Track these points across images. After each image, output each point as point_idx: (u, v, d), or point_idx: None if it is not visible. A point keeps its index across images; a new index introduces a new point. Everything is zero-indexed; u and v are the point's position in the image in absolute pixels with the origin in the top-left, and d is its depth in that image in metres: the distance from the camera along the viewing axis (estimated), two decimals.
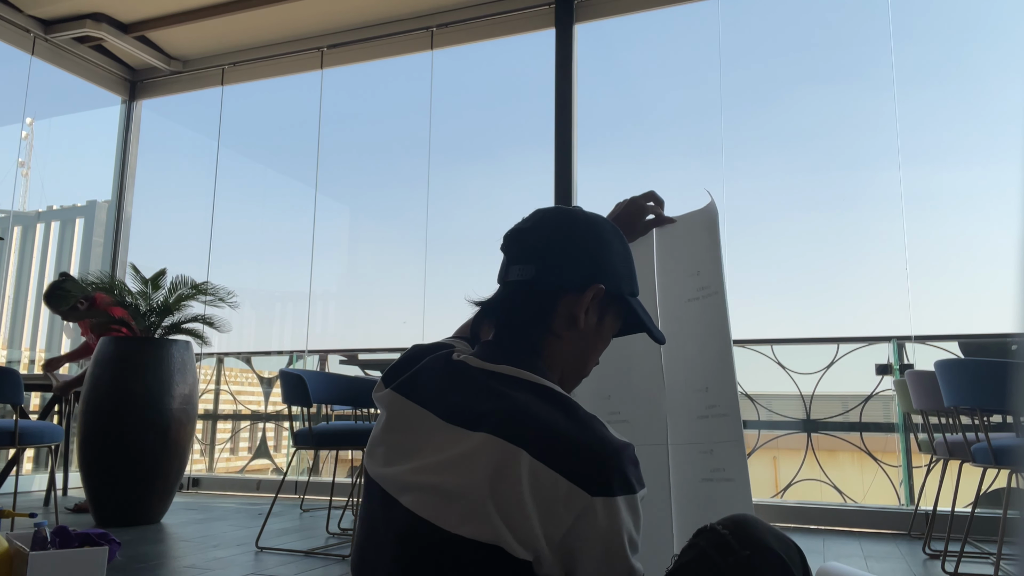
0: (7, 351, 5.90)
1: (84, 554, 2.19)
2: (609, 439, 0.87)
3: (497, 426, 0.88)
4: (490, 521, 0.84)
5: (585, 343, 1.03)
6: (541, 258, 1.00)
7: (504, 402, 0.91)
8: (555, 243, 1.00)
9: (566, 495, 0.83)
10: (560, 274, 0.99)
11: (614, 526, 0.83)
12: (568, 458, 0.85)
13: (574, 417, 0.89)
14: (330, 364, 5.42)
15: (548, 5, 4.67)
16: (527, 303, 1.00)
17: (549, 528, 0.84)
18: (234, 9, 4.97)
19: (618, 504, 0.84)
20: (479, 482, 0.86)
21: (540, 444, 0.86)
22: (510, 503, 0.84)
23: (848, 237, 4.20)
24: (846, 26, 4.42)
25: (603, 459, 0.85)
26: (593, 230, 1.03)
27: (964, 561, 2.73)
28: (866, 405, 4.04)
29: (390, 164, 5.61)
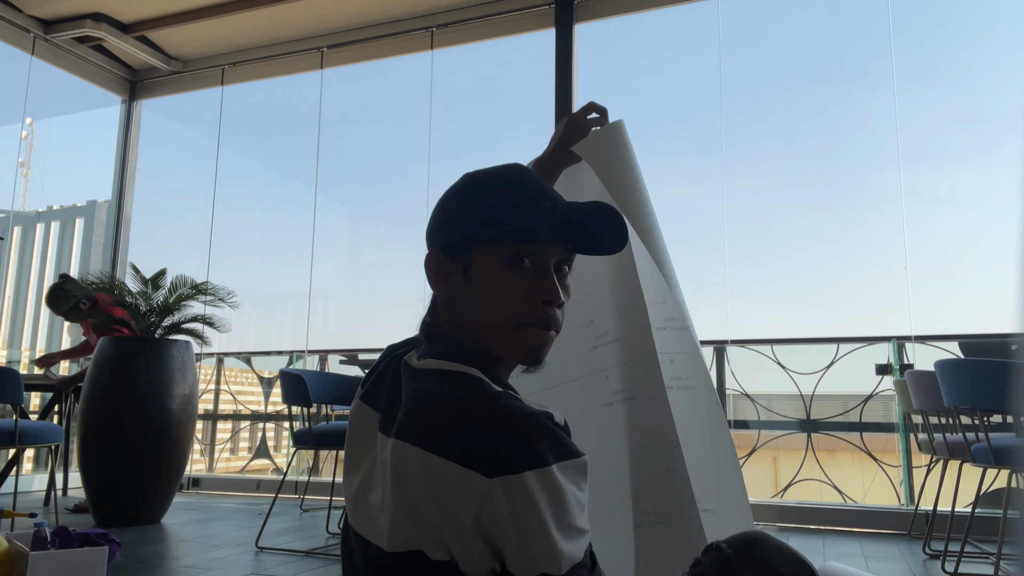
0: (7, 351, 5.90)
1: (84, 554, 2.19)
2: (512, 412, 0.79)
3: (398, 427, 0.84)
4: (400, 528, 0.81)
5: (472, 301, 0.92)
6: (428, 237, 1.00)
7: (410, 400, 0.87)
8: (433, 218, 1.00)
9: (462, 481, 0.76)
10: (431, 240, 0.98)
11: (524, 507, 0.75)
12: (459, 441, 0.78)
13: (476, 397, 0.83)
14: (330, 364, 5.42)
15: (548, 5, 4.67)
16: (427, 272, 0.99)
17: (455, 521, 0.77)
18: (234, 9, 4.97)
19: (525, 481, 0.75)
20: (387, 489, 0.83)
21: (428, 433, 0.81)
22: (411, 503, 0.80)
23: (848, 237, 4.21)
24: (846, 26, 4.42)
25: (502, 435, 0.77)
26: (460, 189, 0.97)
27: (964, 561, 2.73)
28: (866, 405, 4.04)
29: (390, 164, 5.62)
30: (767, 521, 3.90)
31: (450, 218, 0.96)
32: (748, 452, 4.21)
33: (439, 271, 0.95)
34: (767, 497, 4.09)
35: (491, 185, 0.95)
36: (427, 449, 0.79)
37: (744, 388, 4.26)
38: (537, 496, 0.75)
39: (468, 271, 0.92)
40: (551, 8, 4.66)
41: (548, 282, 0.90)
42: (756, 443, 4.20)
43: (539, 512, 0.75)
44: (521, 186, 0.94)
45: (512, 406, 0.81)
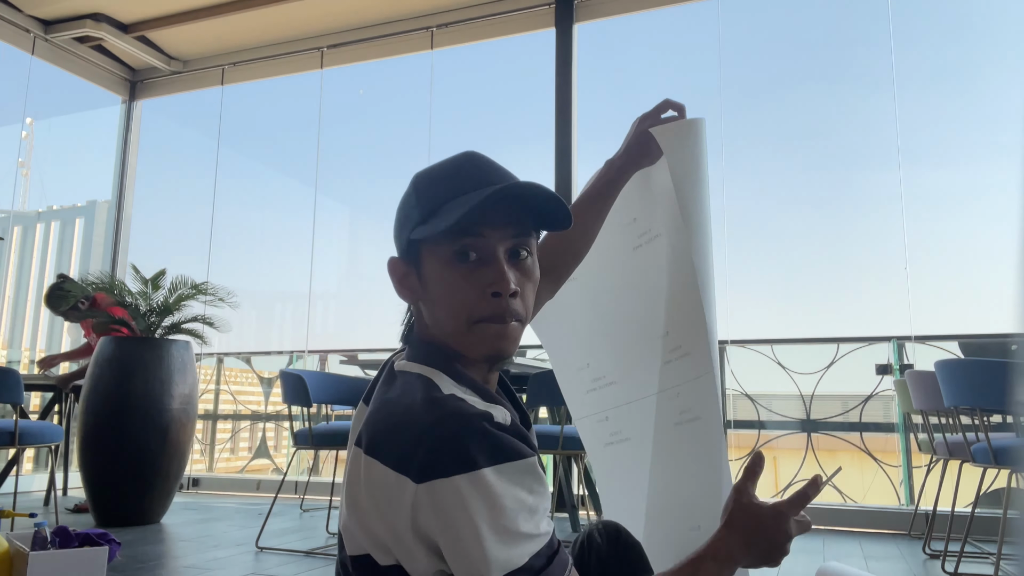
0: (7, 351, 5.90)
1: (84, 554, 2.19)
2: (447, 415, 0.77)
3: (359, 433, 0.85)
4: (353, 532, 0.82)
5: (428, 304, 0.91)
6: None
7: (372, 405, 0.88)
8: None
9: (395, 487, 0.76)
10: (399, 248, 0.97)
11: (452, 512, 0.73)
12: (395, 445, 0.78)
13: (420, 401, 0.81)
14: (330, 364, 5.42)
15: (548, 5, 4.67)
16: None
17: (394, 527, 0.77)
18: (234, 9, 4.97)
19: (455, 486, 0.73)
20: (344, 494, 0.85)
21: (374, 439, 0.81)
22: (359, 509, 0.81)
23: (848, 237, 4.21)
24: (846, 26, 4.42)
25: (433, 438, 0.75)
26: (401, 199, 0.95)
27: (964, 561, 2.73)
28: (866, 405, 4.04)
29: (390, 164, 5.62)
30: None
31: (399, 222, 0.94)
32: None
33: (400, 277, 0.93)
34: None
35: (430, 182, 0.92)
36: (370, 455, 0.80)
37: (744, 388, 4.26)
38: (467, 501, 0.73)
39: (421, 274, 0.90)
40: (551, 8, 4.66)
41: (495, 271, 0.86)
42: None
43: (469, 517, 0.73)
44: (459, 177, 0.90)
45: (449, 409, 0.78)
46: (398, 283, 0.94)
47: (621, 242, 1.45)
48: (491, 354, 0.88)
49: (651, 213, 1.41)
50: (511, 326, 0.87)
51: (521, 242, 0.90)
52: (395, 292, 0.95)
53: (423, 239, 0.88)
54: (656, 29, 4.84)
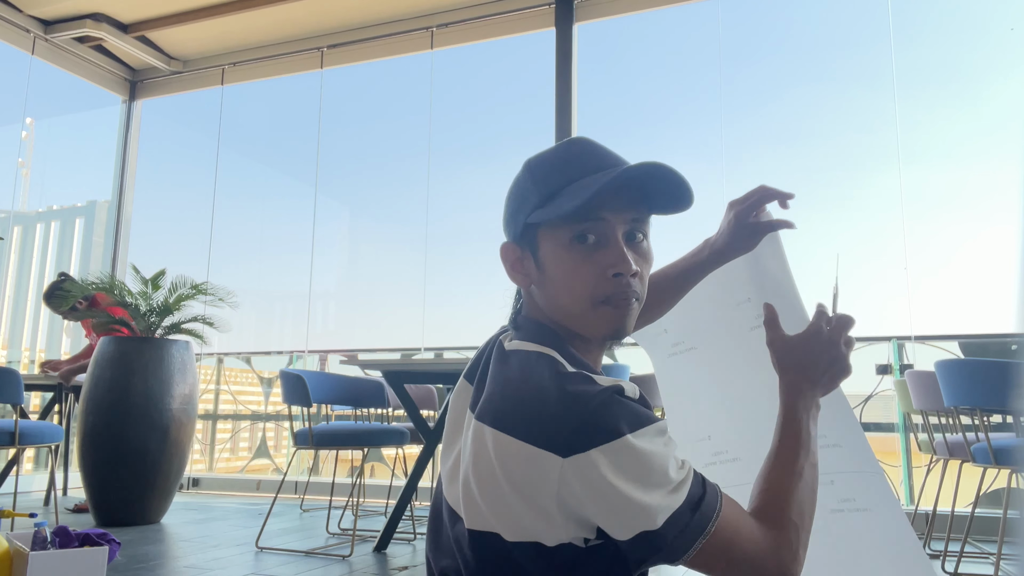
0: (7, 351, 5.90)
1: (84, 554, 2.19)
2: (586, 390, 0.81)
3: (480, 408, 0.87)
4: (478, 508, 0.83)
5: (545, 286, 0.93)
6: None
7: (491, 382, 0.89)
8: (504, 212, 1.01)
9: (538, 461, 0.78)
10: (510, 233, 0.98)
11: (609, 480, 0.77)
12: (534, 422, 0.80)
13: (548, 377, 0.83)
14: (330, 364, 5.42)
15: (548, 5, 4.67)
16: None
17: (534, 500, 0.79)
18: (234, 9, 4.97)
19: (605, 455, 0.77)
20: (468, 468, 0.85)
21: (503, 414, 0.83)
22: (489, 484, 0.82)
23: (848, 237, 4.20)
24: (846, 26, 4.42)
25: (575, 413, 0.79)
26: (515, 181, 0.97)
27: (964, 561, 2.73)
28: (866, 405, 4.04)
29: (390, 164, 5.62)
30: None
31: (513, 208, 0.96)
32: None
33: (514, 261, 0.96)
34: None
35: (545, 167, 0.94)
36: (502, 430, 0.81)
37: None
38: (618, 467, 0.77)
39: (538, 257, 0.92)
40: (551, 8, 4.66)
41: (615, 253, 0.89)
42: None
43: (624, 480, 0.77)
44: (575, 162, 0.92)
45: (584, 384, 0.81)
46: (511, 267, 0.96)
47: (738, 321, 1.43)
48: (612, 333, 0.91)
49: (764, 292, 1.40)
50: (630, 306, 0.91)
51: (638, 225, 0.93)
52: (507, 276, 0.97)
53: (542, 223, 0.91)
54: (656, 29, 4.84)
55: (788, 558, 0.85)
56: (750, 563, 0.83)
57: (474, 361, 1.00)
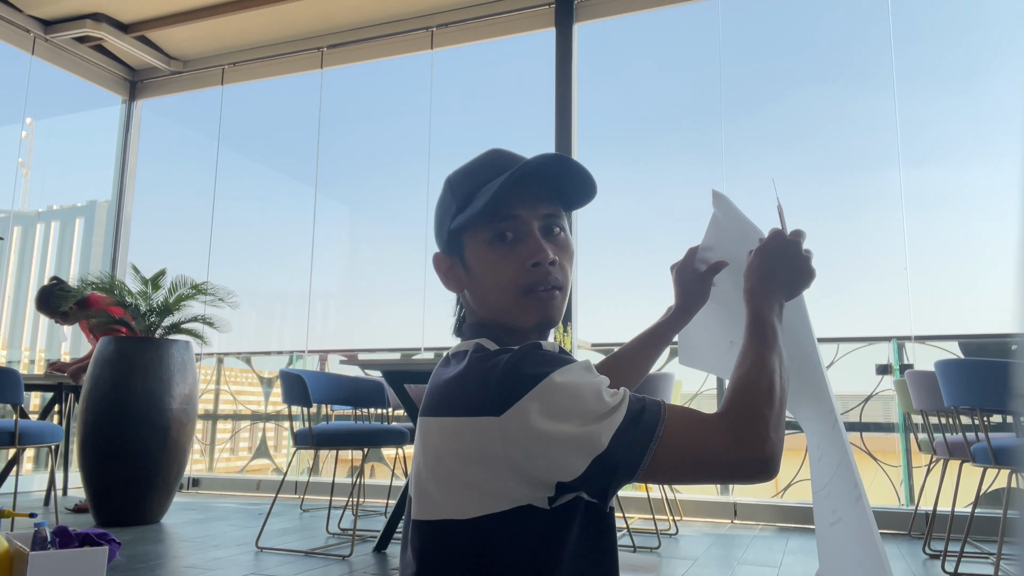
0: (7, 351, 5.90)
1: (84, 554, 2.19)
2: (504, 354, 0.85)
3: (423, 407, 0.93)
4: (429, 497, 0.87)
5: (475, 288, 0.97)
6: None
7: (432, 382, 0.95)
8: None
9: (479, 430, 0.82)
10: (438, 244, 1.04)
11: (545, 421, 0.80)
12: (465, 396, 0.85)
13: (476, 356, 0.88)
14: (330, 364, 5.42)
15: (548, 5, 4.67)
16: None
17: (488, 469, 0.82)
18: (234, 9, 4.97)
19: (535, 398, 0.80)
20: (419, 462, 0.90)
21: (439, 400, 0.88)
22: (438, 469, 0.86)
23: (848, 237, 4.21)
24: (846, 26, 4.42)
25: (499, 374, 0.83)
26: (437, 201, 1.04)
27: (964, 561, 2.73)
28: (866, 405, 4.04)
29: (390, 164, 5.62)
30: (767, 521, 3.90)
31: (438, 220, 1.01)
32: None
33: (446, 270, 1.00)
34: (767, 497, 4.09)
35: (463, 177, 1.00)
36: (441, 415, 0.87)
37: None
38: (550, 405, 0.80)
39: (465, 262, 0.97)
40: (551, 8, 4.66)
41: (532, 245, 0.93)
42: None
43: (558, 420, 0.80)
44: (486, 168, 0.98)
45: (502, 354, 0.86)
46: (444, 276, 1.01)
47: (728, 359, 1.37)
48: (540, 321, 0.94)
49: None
50: (554, 294, 0.95)
51: (554, 220, 0.97)
52: (442, 286, 1.02)
53: (462, 227, 0.96)
54: (656, 29, 4.84)
55: (755, 445, 0.82)
56: (711, 459, 0.82)
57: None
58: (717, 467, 0.82)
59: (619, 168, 4.87)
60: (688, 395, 4.37)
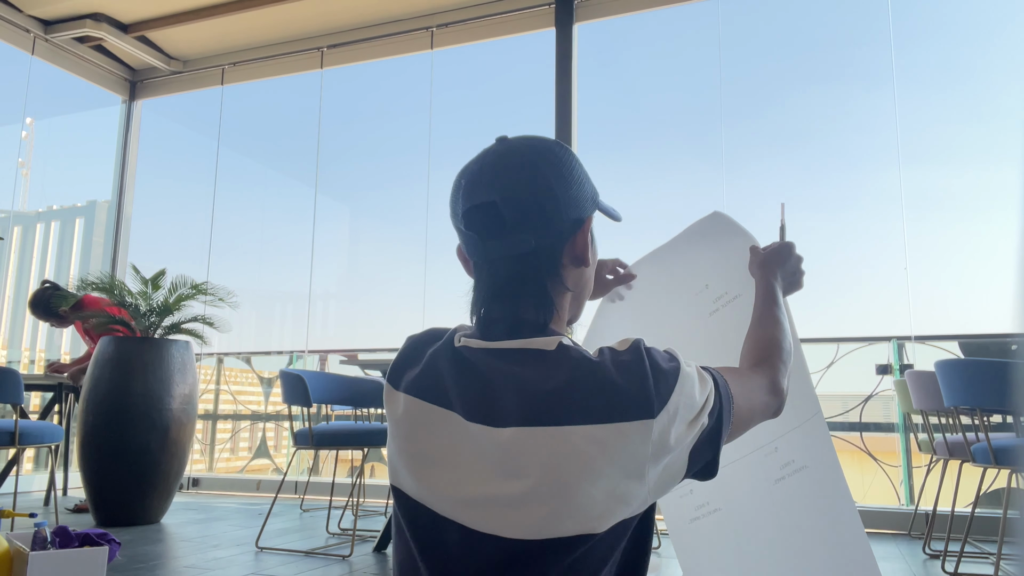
0: (7, 351, 5.90)
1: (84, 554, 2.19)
2: (625, 359, 0.84)
3: (527, 414, 0.82)
4: (556, 517, 0.80)
5: (589, 272, 0.98)
6: (533, 224, 0.90)
7: (524, 384, 0.84)
8: (538, 204, 0.90)
9: (632, 434, 0.79)
10: (558, 229, 0.92)
11: (694, 400, 0.84)
12: (610, 403, 0.80)
13: (593, 360, 0.84)
14: (330, 364, 5.42)
15: (548, 5, 4.67)
16: (536, 272, 0.91)
17: (631, 474, 0.81)
18: (234, 9, 4.97)
19: (681, 386, 0.83)
20: (535, 478, 0.80)
21: (575, 409, 0.80)
22: (580, 484, 0.79)
23: (848, 237, 4.21)
24: (846, 26, 4.42)
25: (641, 375, 0.82)
26: (558, 167, 0.93)
27: (964, 561, 2.73)
28: (866, 405, 4.04)
29: (390, 164, 5.62)
30: None
31: (585, 188, 1.05)
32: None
33: (588, 242, 1.03)
34: None
35: (572, 154, 1.05)
36: (583, 423, 0.80)
37: None
38: (691, 388, 0.84)
39: (594, 240, 1.09)
40: (551, 8, 4.66)
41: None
42: None
43: (703, 390, 0.86)
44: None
45: (619, 355, 0.85)
46: (585, 249, 0.99)
47: (696, 310, 1.48)
48: (574, 317, 1.03)
49: (725, 276, 1.44)
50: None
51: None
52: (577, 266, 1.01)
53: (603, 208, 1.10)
54: (656, 29, 4.84)
55: (781, 392, 1.04)
56: (759, 408, 0.99)
57: (419, 371, 0.93)
58: (762, 413, 1.00)
59: (619, 168, 4.87)
60: None
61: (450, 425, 0.87)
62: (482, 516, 0.82)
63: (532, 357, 0.86)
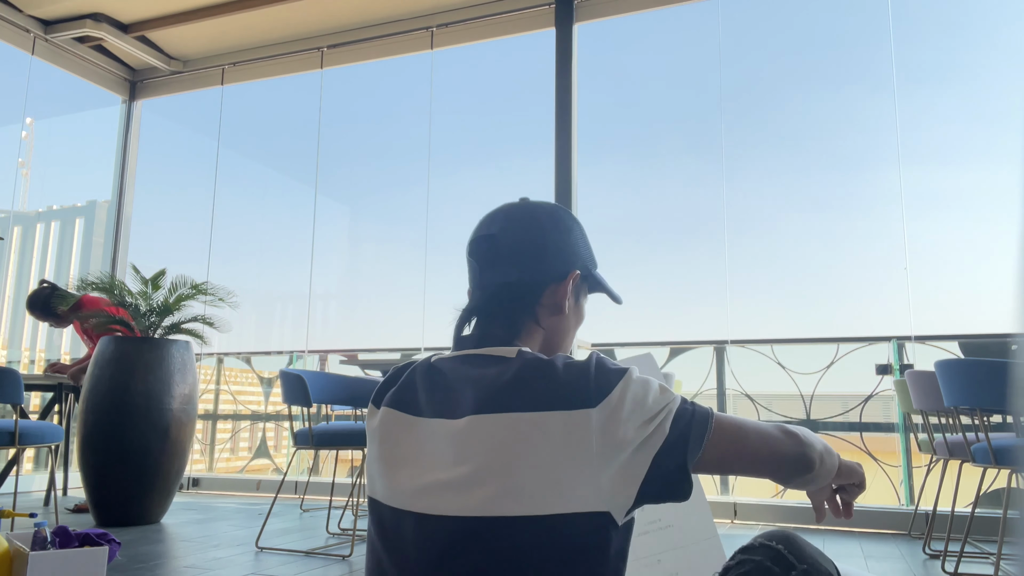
0: (7, 351, 5.90)
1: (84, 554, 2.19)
2: (576, 360, 0.91)
3: (480, 403, 0.89)
4: (500, 493, 0.85)
5: (567, 323, 1.06)
6: (520, 259, 1.04)
7: (481, 380, 0.92)
8: (529, 243, 1.04)
9: (574, 423, 0.85)
10: (541, 269, 1.04)
11: (634, 402, 0.87)
12: (551, 392, 0.87)
13: (550, 360, 0.92)
14: (330, 364, 5.42)
15: (548, 5, 4.67)
16: (513, 299, 1.03)
17: (579, 460, 0.84)
18: (234, 9, 4.97)
19: (625, 386, 0.87)
20: (481, 459, 0.86)
21: (513, 396, 0.88)
22: (520, 465, 0.84)
23: (848, 237, 4.21)
24: (846, 26, 4.42)
25: (589, 372, 0.88)
26: (556, 222, 1.07)
27: (964, 561, 2.73)
28: (866, 405, 4.04)
29: (390, 164, 5.62)
30: (767, 521, 3.90)
31: (579, 250, 1.12)
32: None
33: (570, 291, 1.10)
34: (767, 497, 4.09)
35: (580, 226, 1.14)
36: (519, 410, 0.87)
37: (744, 388, 4.26)
38: (637, 389, 0.88)
39: (579, 299, 1.14)
40: (551, 8, 4.66)
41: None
42: None
43: (645, 393, 0.88)
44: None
45: (572, 358, 0.93)
46: (565, 294, 1.09)
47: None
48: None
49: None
50: None
51: None
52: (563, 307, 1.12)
53: (592, 276, 1.16)
54: (656, 29, 4.84)
55: (796, 433, 0.98)
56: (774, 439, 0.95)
57: (397, 388, 1.01)
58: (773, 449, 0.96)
59: (619, 168, 4.88)
60: (689, 394, 4.37)
61: (417, 428, 0.96)
62: (433, 501, 0.89)
63: (493, 361, 0.95)
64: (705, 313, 4.32)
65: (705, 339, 4.32)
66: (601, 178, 4.67)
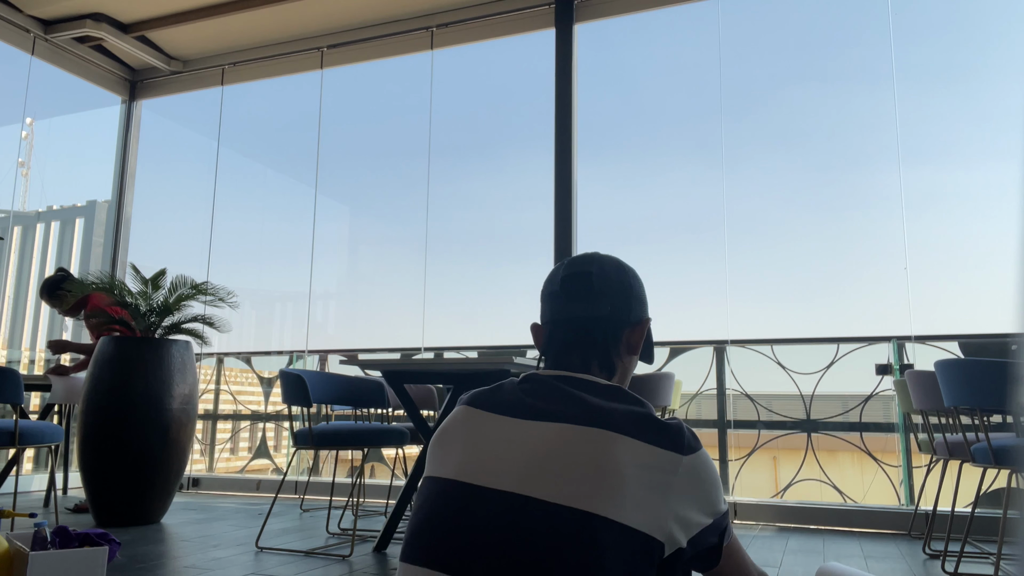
0: (7, 351, 5.90)
1: (84, 554, 2.19)
2: (671, 419, 1.04)
3: (582, 417, 1.00)
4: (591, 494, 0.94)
5: (633, 364, 1.21)
6: (612, 299, 1.17)
7: (584, 399, 1.04)
8: (619, 284, 1.18)
9: (663, 459, 0.96)
10: (626, 311, 1.18)
11: (707, 475, 0.99)
12: (659, 434, 0.99)
13: (643, 400, 1.05)
14: (330, 364, 5.42)
15: (548, 5, 4.67)
16: (604, 333, 1.16)
17: (652, 494, 0.94)
18: (234, 9, 4.97)
19: (702, 455, 1.00)
20: (581, 463, 0.96)
21: (633, 426, 0.99)
22: (614, 478, 0.94)
23: (848, 237, 4.21)
24: (846, 26, 4.42)
25: (683, 428, 1.01)
26: (636, 274, 1.24)
27: (964, 561, 2.73)
28: (866, 405, 4.04)
29: (390, 164, 5.62)
30: (767, 521, 3.90)
31: (640, 292, 1.24)
32: (748, 452, 4.21)
33: (642, 334, 1.22)
34: (767, 497, 4.09)
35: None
36: (634, 437, 0.98)
37: (744, 388, 4.25)
38: (712, 467, 1.01)
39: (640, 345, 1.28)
40: (551, 8, 4.66)
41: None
42: (756, 443, 4.20)
43: (713, 478, 1.01)
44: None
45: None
46: (639, 338, 1.23)
47: None
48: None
49: None
50: None
51: None
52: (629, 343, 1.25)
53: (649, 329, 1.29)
54: (656, 29, 4.84)
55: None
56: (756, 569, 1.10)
57: (491, 390, 1.14)
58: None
59: (619, 168, 4.87)
60: (688, 394, 4.37)
61: (512, 426, 1.06)
62: (528, 484, 0.98)
63: (591, 385, 1.08)
64: (705, 313, 4.32)
65: (705, 339, 4.32)
66: (601, 178, 4.67)
